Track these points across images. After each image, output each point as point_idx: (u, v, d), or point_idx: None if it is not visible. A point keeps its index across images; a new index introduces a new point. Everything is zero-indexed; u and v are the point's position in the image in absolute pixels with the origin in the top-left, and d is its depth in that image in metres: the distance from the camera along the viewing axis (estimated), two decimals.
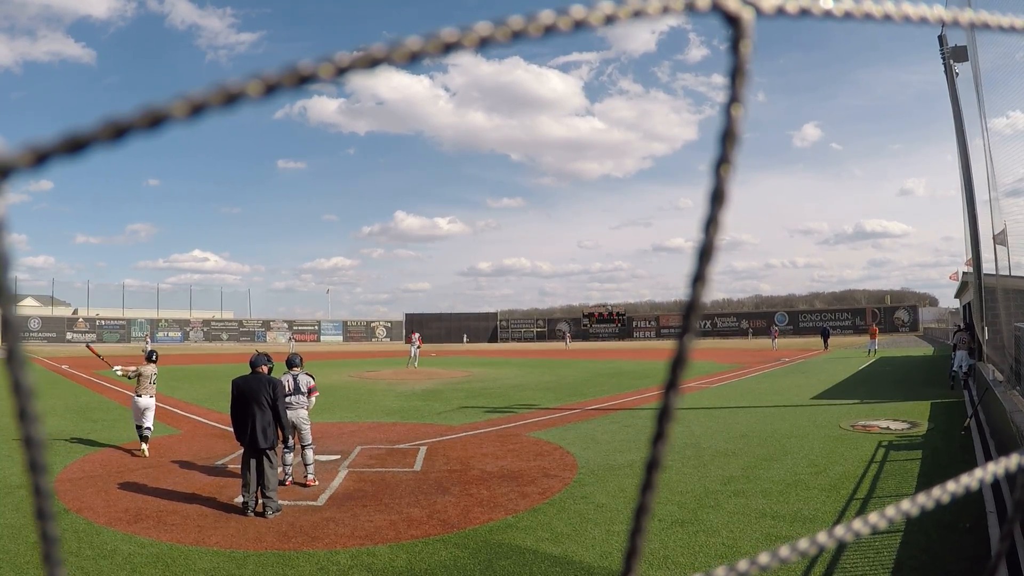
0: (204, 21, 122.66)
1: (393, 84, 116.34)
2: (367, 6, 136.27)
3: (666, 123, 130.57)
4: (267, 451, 6.52)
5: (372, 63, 0.33)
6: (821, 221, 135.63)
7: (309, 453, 7.52)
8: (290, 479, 7.43)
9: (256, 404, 6.52)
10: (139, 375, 9.70)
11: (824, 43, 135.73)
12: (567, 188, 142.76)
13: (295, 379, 7.62)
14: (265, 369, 6.94)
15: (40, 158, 0.28)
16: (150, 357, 10.01)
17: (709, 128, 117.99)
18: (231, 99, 0.30)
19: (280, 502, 6.51)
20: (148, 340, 36.44)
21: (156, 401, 9.76)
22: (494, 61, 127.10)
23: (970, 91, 12.60)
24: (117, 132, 0.28)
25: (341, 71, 0.32)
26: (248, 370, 6.99)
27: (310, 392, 7.76)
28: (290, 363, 7.77)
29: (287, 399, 7.29)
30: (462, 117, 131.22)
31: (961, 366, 15.44)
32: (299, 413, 7.48)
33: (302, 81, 0.31)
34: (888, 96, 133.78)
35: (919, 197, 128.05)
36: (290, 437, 7.34)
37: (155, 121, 0.29)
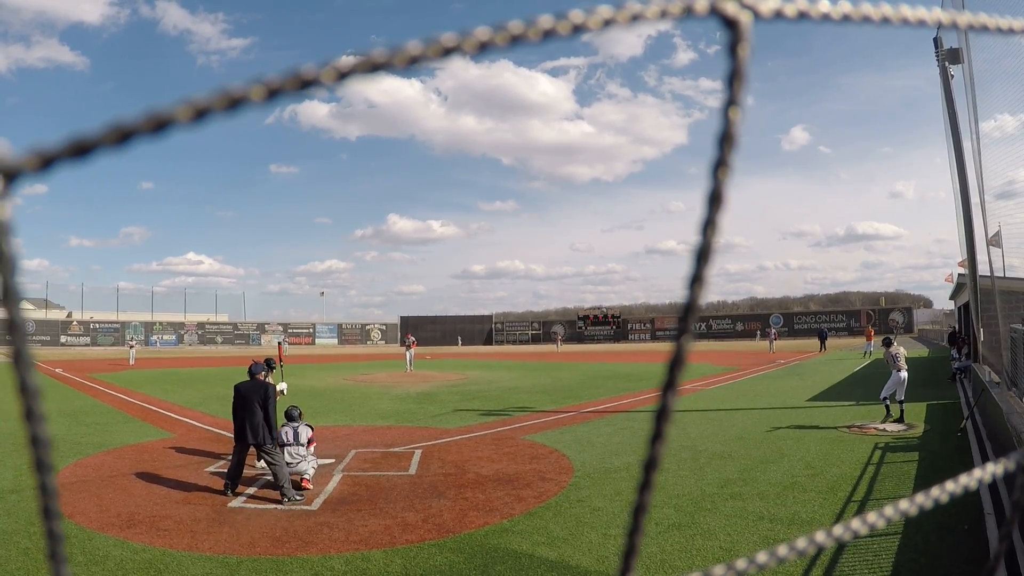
0: (196, 27, 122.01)
1: (384, 88, 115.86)
2: (356, 14, 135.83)
3: (655, 127, 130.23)
4: (263, 448, 7.04)
5: (373, 68, 0.33)
6: (813, 223, 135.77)
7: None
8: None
9: (249, 405, 7.19)
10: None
11: (808, 49, 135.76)
12: (558, 192, 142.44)
13: (295, 431, 7.58)
14: (262, 376, 7.54)
15: (46, 162, 0.28)
16: (270, 364, 8.64)
17: (699, 132, 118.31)
18: (234, 104, 0.30)
19: (278, 507, 6.67)
20: (132, 343, 36.41)
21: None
22: (483, 64, 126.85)
23: (961, 94, 12.67)
24: (122, 136, 0.28)
25: (343, 76, 0.32)
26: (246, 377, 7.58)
27: (310, 442, 7.70)
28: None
29: (286, 451, 7.36)
30: (453, 121, 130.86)
31: (900, 397, 11.07)
32: (299, 467, 7.42)
33: (304, 85, 0.31)
34: (873, 100, 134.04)
35: (909, 200, 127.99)
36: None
37: (159, 126, 0.29)
